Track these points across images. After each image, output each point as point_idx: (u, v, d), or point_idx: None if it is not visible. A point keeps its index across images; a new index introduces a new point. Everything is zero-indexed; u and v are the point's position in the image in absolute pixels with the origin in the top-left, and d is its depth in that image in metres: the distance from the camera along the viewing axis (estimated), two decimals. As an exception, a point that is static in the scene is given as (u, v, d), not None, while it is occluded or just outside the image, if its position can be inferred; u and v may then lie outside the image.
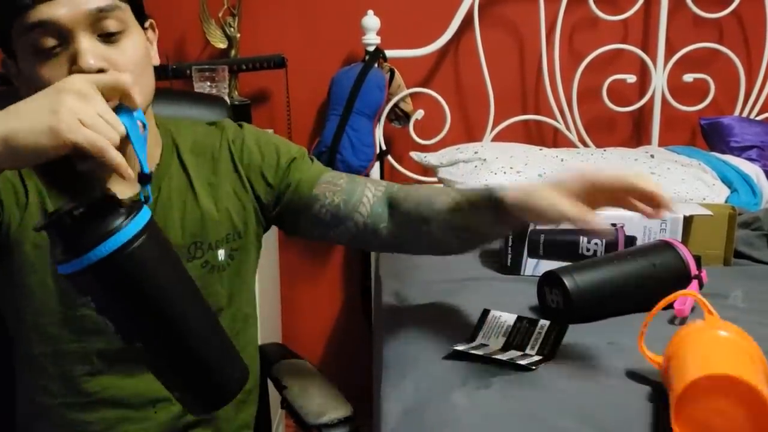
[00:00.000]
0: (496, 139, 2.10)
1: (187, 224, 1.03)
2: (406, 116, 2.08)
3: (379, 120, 2.04)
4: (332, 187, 1.09)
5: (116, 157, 0.69)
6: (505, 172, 1.71)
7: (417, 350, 1.05)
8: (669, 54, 2.08)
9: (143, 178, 0.74)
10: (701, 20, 2.08)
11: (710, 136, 2.05)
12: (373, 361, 1.85)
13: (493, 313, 1.07)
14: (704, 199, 1.67)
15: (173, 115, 1.22)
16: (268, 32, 2.12)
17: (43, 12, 0.84)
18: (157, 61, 0.97)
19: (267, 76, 2.08)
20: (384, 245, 1.12)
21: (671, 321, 1.11)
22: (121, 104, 0.72)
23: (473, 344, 1.00)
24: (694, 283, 1.16)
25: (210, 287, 1.04)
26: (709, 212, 1.34)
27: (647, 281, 1.14)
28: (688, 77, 2.08)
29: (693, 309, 1.12)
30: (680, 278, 1.15)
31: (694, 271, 1.17)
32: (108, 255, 0.66)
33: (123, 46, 0.88)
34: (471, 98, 2.16)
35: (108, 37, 0.87)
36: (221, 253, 1.05)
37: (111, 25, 0.87)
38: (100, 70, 0.85)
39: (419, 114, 2.06)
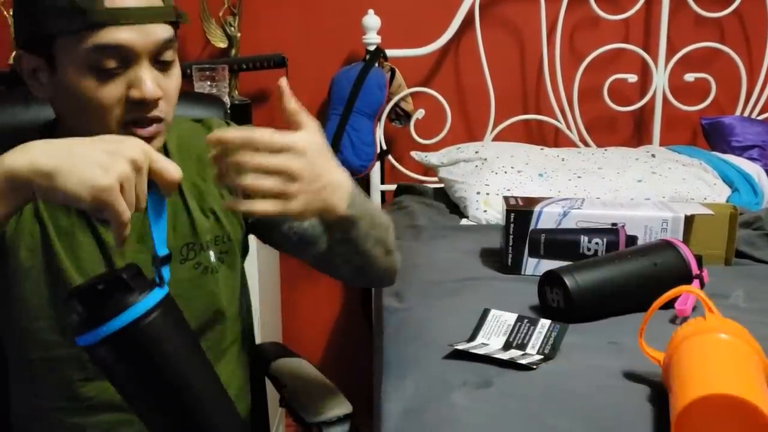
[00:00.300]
0: (496, 138, 2.09)
1: (177, 226, 1.02)
2: (407, 116, 2.08)
3: (379, 119, 2.04)
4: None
5: (125, 233, 0.72)
6: (506, 172, 1.71)
7: (417, 350, 1.04)
8: (670, 53, 2.07)
9: (157, 260, 0.76)
10: (702, 19, 2.07)
11: (711, 136, 2.04)
12: (374, 362, 1.84)
13: (494, 312, 1.07)
14: (705, 198, 1.67)
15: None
16: (269, 32, 2.12)
17: (115, 35, 0.84)
18: None
19: (267, 76, 2.08)
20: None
21: (672, 321, 1.10)
22: (155, 183, 0.74)
23: (473, 344, 1.00)
24: (696, 282, 1.16)
25: (205, 287, 1.04)
26: (710, 212, 1.33)
27: (648, 281, 1.13)
28: (690, 77, 2.08)
29: (694, 308, 1.11)
30: (681, 278, 1.15)
31: (695, 270, 1.16)
32: (122, 328, 0.70)
33: (172, 74, 0.92)
34: (472, 98, 2.16)
35: (163, 65, 0.90)
36: (212, 255, 1.04)
37: (168, 55, 0.90)
38: (158, 99, 0.88)
39: (420, 113, 2.06)
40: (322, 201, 0.84)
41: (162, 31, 0.88)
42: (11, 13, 2.00)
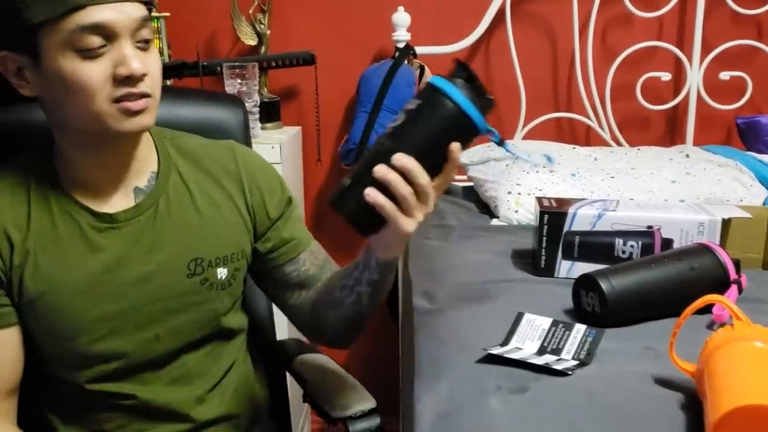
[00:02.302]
0: (527, 137, 2.08)
1: (187, 240, 1.05)
2: (436, 114, 2.06)
3: (408, 117, 2.03)
4: (313, 258, 1.13)
5: None
6: (537, 171, 1.69)
7: (450, 353, 1.03)
8: (705, 51, 2.04)
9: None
10: (739, 17, 2.04)
11: (747, 136, 2.01)
12: (401, 362, 1.83)
13: (528, 316, 1.05)
14: (741, 200, 1.63)
15: (191, 116, 1.24)
16: (298, 29, 2.12)
17: (94, 14, 0.88)
18: None
19: (296, 73, 2.08)
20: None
21: (709, 326, 1.08)
22: None
23: (507, 348, 0.99)
24: (733, 287, 1.14)
25: (209, 303, 1.07)
26: (748, 214, 1.31)
27: (685, 285, 1.11)
28: (725, 75, 2.05)
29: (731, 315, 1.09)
30: (719, 282, 1.13)
31: (733, 275, 1.14)
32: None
33: (152, 53, 0.96)
34: (502, 95, 2.14)
35: (143, 45, 0.94)
36: (221, 272, 1.07)
37: (146, 33, 0.94)
38: (144, 74, 0.92)
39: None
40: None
41: (137, 10, 0.92)
42: None
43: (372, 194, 0.82)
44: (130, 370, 1.04)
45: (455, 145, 0.83)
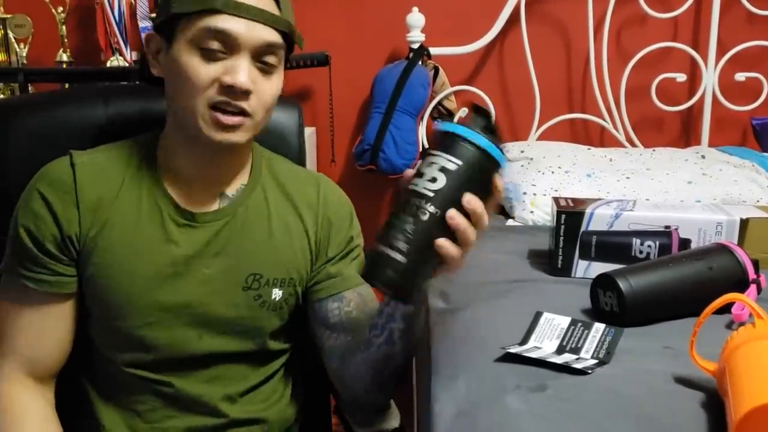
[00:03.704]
0: (541, 138, 2.08)
1: (251, 254, 1.07)
2: (450, 114, 2.07)
3: (422, 118, 2.03)
4: (361, 302, 1.12)
5: None
6: (553, 172, 1.69)
7: (467, 352, 1.03)
8: (720, 52, 2.03)
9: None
10: (754, 17, 2.03)
11: (762, 137, 2.00)
12: (415, 364, 1.83)
13: (546, 315, 1.05)
14: (758, 201, 1.63)
15: None
16: (312, 30, 2.12)
17: (225, 22, 0.94)
18: None
19: (311, 74, 2.08)
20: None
21: (728, 326, 1.08)
22: None
23: (526, 347, 0.98)
24: (753, 287, 1.13)
25: (257, 320, 1.09)
26: (766, 215, 1.30)
27: (704, 285, 1.10)
28: (740, 76, 2.04)
29: (751, 314, 1.09)
30: (738, 282, 1.12)
31: (752, 275, 1.13)
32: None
33: (272, 79, 0.99)
34: (516, 96, 2.14)
35: (263, 67, 0.97)
36: (276, 293, 1.09)
37: (271, 59, 0.98)
38: (248, 91, 0.95)
39: (463, 112, 2.04)
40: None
41: (268, 34, 0.96)
42: (60, 10, 2.03)
43: (446, 243, 0.83)
44: (166, 363, 1.06)
45: (499, 183, 0.87)
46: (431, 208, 0.82)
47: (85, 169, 1.02)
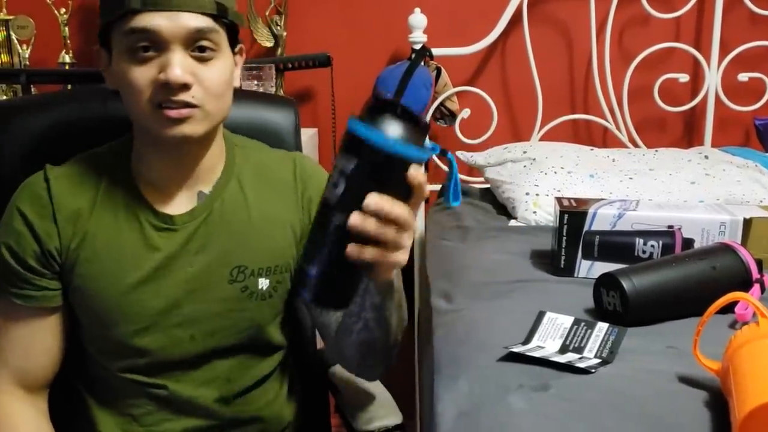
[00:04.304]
0: (543, 138, 2.07)
1: (233, 247, 1.05)
2: (452, 115, 2.06)
3: (424, 119, 2.02)
4: None
5: None
6: (555, 172, 1.68)
7: (469, 351, 1.03)
8: (723, 52, 2.03)
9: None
10: (758, 18, 2.02)
11: (765, 137, 2.00)
12: (419, 362, 1.83)
13: (549, 314, 1.05)
14: (761, 201, 1.62)
15: (242, 116, 1.22)
16: (314, 31, 2.12)
17: (147, 20, 0.91)
18: (238, 83, 1.04)
19: (312, 75, 2.08)
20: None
21: (732, 326, 1.07)
22: None
23: (529, 346, 0.98)
24: (756, 287, 1.13)
25: (247, 311, 1.07)
26: (769, 214, 1.30)
27: (707, 284, 1.10)
28: (743, 76, 2.03)
29: (755, 313, 1.08)
30: (741, 282, 1.12)
31: (755, 274, 1.13)
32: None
33: (213, 65, 0.96)
34: (519, 97, 2.14)
35: (200, 55, 0.94)
36: (263, 282, 1.07)
37: (205, 45, 0.94)
38: (185, 84, 0.92)
39: (465, 113, 2.04)
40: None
41: (195, 21, 0.93)
42: (62, 11, 2.03)
43: (355, 250, 0.73)
44: (162, 366, 1.06)
45: (414, 178, 0.74)
46: (336, 215, 0.73)
47: (59, 182, 1.02)
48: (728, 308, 1.00)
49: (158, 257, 1.02)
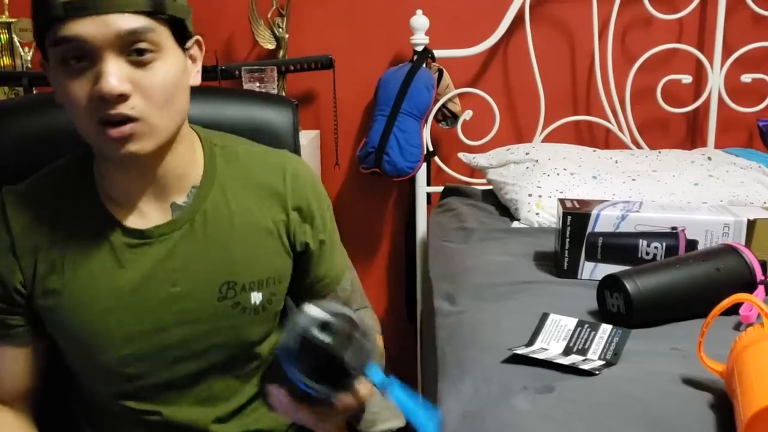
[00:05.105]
0: (545, 140, 2.07)
1: (220, 262, 0.98)
2: (454, 117, 2.06)
3: (426, 121, 2.02)
4: (335, 296, 1.08)
5: None
6: (558, 174, 1.68)
7: (473, 353, 1.03)
8: (726, 53, 2.03)
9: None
10: (761, 18, 2.02)
11: (768, 138, 1.99)
12: (422, 364, 1.83)
13: (553, 316, 1.04)
14: (765, 202, 1.62)
15: (239, 116, 1.19)
16: (316, 33, 2.12)
17: (72, 28, 0.81)
18: (197, 81, 0.94)
19: (314, 77, 2.08)
20: None
21: (736, 327, 1.07)
22: None
23: (533, 348, 0.98)
24: (761, 288, 1.12)
25: (240, 328, 1.01)
26: (773, 216, 1.29)
27: (711, 286, 1.10)
28: (746, 77, 2.03)
29: (759, 314, 1.08)
30: (745, 283, 1.11)
31: (759, 276, 1.13)
32: None
33: (155, 69, 0.85)
34: (521, 98, 2.13)
35: (139, 59, 0.84)
36: (256, 296, 0.99)
37: (143, 47, 0.84)
38: (122, 95, 0.83)
39: (467, 114, 2.04)
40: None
41: (125, 22, 0.82)
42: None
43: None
44: (153, 391, 1.00)
45: (342, 402, 0.85)
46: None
47: (17, 210, 0.95)
48: (732, 310, 1.00)
49: (133, 276, 0.95)
